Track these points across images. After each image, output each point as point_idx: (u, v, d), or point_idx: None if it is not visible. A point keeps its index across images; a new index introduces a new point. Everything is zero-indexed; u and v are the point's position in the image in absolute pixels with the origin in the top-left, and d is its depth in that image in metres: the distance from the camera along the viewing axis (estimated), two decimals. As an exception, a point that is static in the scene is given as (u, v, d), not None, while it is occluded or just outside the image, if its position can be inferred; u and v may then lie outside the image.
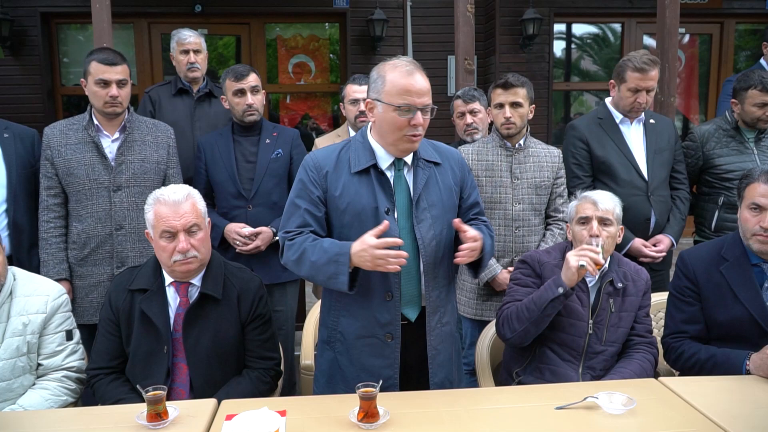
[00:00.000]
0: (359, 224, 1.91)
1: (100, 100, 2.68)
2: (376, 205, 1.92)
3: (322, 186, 1.95)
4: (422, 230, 1.95)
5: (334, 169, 1.96)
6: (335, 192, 1.94)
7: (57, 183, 2.71)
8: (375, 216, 1.91)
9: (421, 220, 1.95)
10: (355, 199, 1.92)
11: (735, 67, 7.00)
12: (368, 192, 1.93)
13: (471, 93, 3.27)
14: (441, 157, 2.05)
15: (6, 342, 2.07)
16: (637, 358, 2.28)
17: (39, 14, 6.10)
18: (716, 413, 1.78)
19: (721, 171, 3.10)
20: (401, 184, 1.98)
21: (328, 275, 1.84)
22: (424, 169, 1.99)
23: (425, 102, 1.88)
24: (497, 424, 1.75)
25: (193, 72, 3.43)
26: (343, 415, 1.75)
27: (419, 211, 1.96)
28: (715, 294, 2.26)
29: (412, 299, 1.99)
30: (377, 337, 1.97)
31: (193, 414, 1.81)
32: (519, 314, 2.22)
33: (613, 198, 2.36)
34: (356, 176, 1.94)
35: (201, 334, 2.10)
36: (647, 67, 2.89)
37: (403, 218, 1.95)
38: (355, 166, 1.94)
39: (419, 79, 1.87)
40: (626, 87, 2.95)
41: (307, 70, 6.84)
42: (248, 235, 2.99)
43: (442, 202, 2.00)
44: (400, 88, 1.85)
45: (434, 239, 1.97)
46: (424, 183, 1.97)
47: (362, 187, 1.93)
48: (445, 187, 2.02)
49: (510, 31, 6.48)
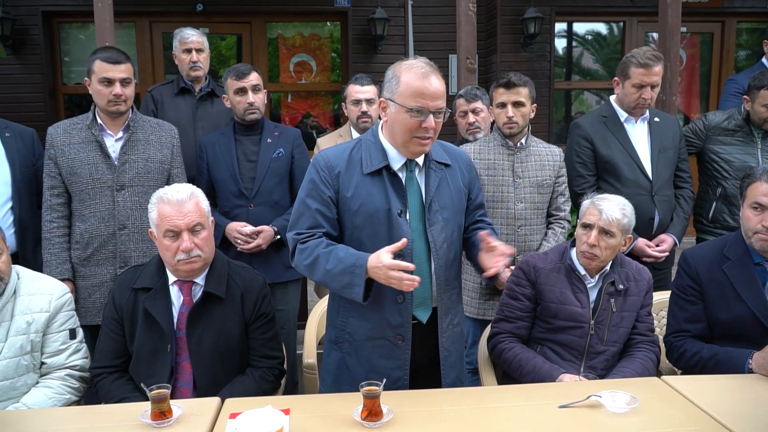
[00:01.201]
0: (371, 226, 1.90)
1: (104, 99, 2.67)
2: (389, 206, 1.90)
3: (333, 186, 1.92)
4: (434, 233, 1.94)
5: (346, 169, 1.93)
6: (347, 193, 1.91)
7: (60, 182, 2.71)
8: (387, 218, 1.90)
9: (434, 222, 1.95)
10: (367, 200, 1.90)
11: (736, 66, 6.99)
12: (381, 193, 1.91)
13: (473, 92, 3.27)
14: (451, 159, 2.04)
15: (10, 340, 2.07)
16: (639, 357, 2.29)
17: (41, 13, 6.10)
18: (719, 412, 1.78)
19: (720, 160, 3.10)
20: (413, 186, 1.96)
21: (343, 285, 1.82)
22: (436, 171, 1.98)
23: (439, 105, 1.85)
24: (501, 423, 1.75)
25: (195, 71, 3.43)
26: (346, 414, 1.75)
27: (431, 214, 1.95)
28: (717, 293, 2.26)
29: (423, 301, 1.98)
30: (387, 339, 1.96)
31: (197, 412, 1.81)
32: (512, 363, 2.29)
33: (624, 208, 2.29)
34: (369, 177, 1.92)
35: (204, 333, 2.10)
36: (651, 62, 2.89)
37: (416, 220, 1.95)
38: (368, 166, 1.92)
39: (434, 81, 1.84)
40: (630, 83, 2.95)
41: (308, 69, 6.84)
42: (249, 233, 2.99)
43: (453, 204, 2.00)
44: (414, 89, 1.83)
45: (446, 241, 1.97)
46: (436, 185, 1.97)
47: (375, 188, 1.91)
48: (455, 188, 2.02)
49: (511, 30, 6.47)
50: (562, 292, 2.30)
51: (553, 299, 2.31)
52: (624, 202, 2.32)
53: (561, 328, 2.30)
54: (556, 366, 2.24)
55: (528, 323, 2.38)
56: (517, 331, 2.37)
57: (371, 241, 1.90)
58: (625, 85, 2.98)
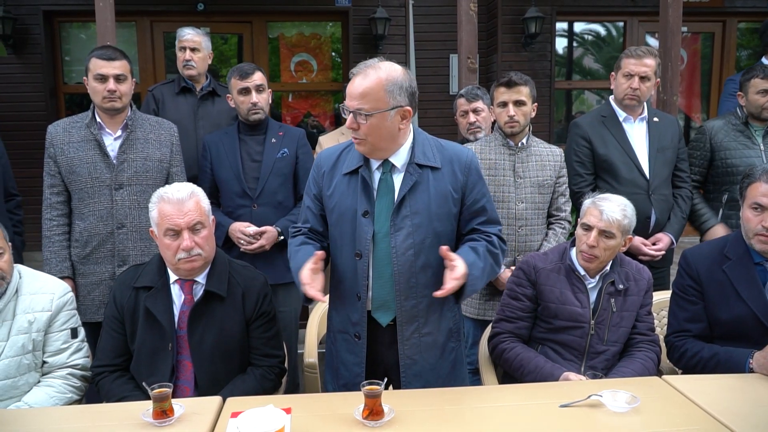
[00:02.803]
0: (341, 225, 1.98)
1: (98, 96, 2.68)
2: (356, 207, 1.94)
3: (318, 184, 2.04)
4: (398, 238, 1.91)
5: (331, 168, 2.02)
6: (327, 191, 2.01)
7: (60, 181, 2.72)
8: (354, 218, 1.94)
9: (400, 228, 1.92)
10: (340, 200, 1.98)
11: (737, 66, 6.99)
12: (352, 193, 1.96)
13: (474, 92, 3.27)
14: (443, 161, 1.96)
15: (11, 339, 2.07)
16: (639, 357, 2.29)
17: (41, 12, 6.09)
18: (719, 411, 1.78)
19: (726, 165, 3.11)
20: (387, 188, 1.95)
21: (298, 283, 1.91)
22: (412, 174, 1.93)
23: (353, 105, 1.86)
24: (502, 422, 1.76)
25: (188, 69, 3.41)
26: (348, 413, 1.76)
27: (398, 218, 1.92)
28: (718, 293, 2.26)
29: (384, 304, 1.97)
30: (348, 334, 2.03)
31: (199, 411, 1.81)
32: (514, 363, 2.29)
33: (625, 208, 2.28)
34: (346, 177, 1.98)
35: (206, 332, 2.11)
36: (642, 54, 2.98)
37: (383, 222, 1.93)
38: (346, 167, 1.99)
39: (355, 81, 1.87)
40: (621, 73, 3.03)
41: (309, 68, 6.83)
42: (253, 234, 2.98)
43: (429, 209, 1.92)
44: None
45: (412, 248, 1.92)
46: (408, 189, 1.92)
47: (349, 188, 1.97)
48: (437, 193, 1.93)
49: (512, 29, 6.47)
50: (562, 293, 2.31)
51: (553, 299, 2.31)
52: (625, 203, 2.31)
53: (561, 328, 2.30)
54: (557, 365, 2.24)
55: (529, 323, 2.38)
56: (518, 331, 2.37)
57: (340, 240, 1.99)
58: (618, 76, 3.06)
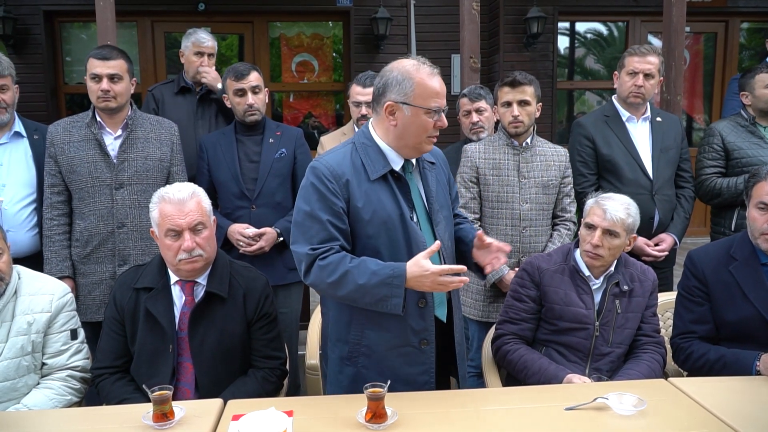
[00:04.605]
0: (387, 233, 1.85)
1: (93, 95, 2.69)
2: (401, 211, 1.87)
3: (343, 196, 1.83)
4: (440, 231, 1.95)
5: (353, 177, 1.85)
6: (358, 203, 1.84)
7: (60, 180, 2.71)
8: (402, 223, 1.86)
9: (438, 222, 1.96)
10: (379, 207, 1.85)
11: (740, 66, 6.97)
12: (390, 199, 1.87)
13: (477, 91, 3.25)
14: (434, 157, 2.05)
15: (11, 341, 2.06)
16: (645, 358, 2.27)
17: (42, 12, 6.10)
18: (727, 414, 1.76)
19: (741, 164, 3.06)
20: (413, 187, 1.96)
21: (378, 298, 1.76)
22: (429, 170, 1.99)
23: (445, 103, 1.88)
24: (506, 425, 1.74)
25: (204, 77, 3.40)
26: (350, 416, 1.74)
27: (434, 213, 1.96)
28: (724, 294, 2.24)
29: (441, 301, 1.99)
30: (412, 345, 1.91)
31: (200, 414, 1.79)
32: (517, 365, 2.26)
33: (629, 207, 2.26)
34: (375, 183, 1.86)
35: (207, 334, 2.09)
36: (646, 51, 2.98)
37: (422, 221, 1.94)
38: (373, 172, 1.86)
39: (440, 80, 1.87)
40: (625, 72, 3.02)
41: (311, 68, 6.83)
42: (252, 236, 2.95)
43: (446, 201, 2.03)
44: (431, 90, 1.82)
45: (450, 239, 2.00)
46: (434, 184, 1.98)
47: (383, 194, 1.86)
48: (442, 186, 2.05)
49: (514, 29, 6.46)
50: (567, 294, 2.29)
51: (557, 301, 2.29)
52: (629, 202, 2.29)
53: (566, 329, 2.28)
54: (561, 367, 2.22)
55: (533, 325, 2.36)
56: (522, 332, 2.35)
57: (388, 250, 1.85)
58: (621, 75, 3.05)
